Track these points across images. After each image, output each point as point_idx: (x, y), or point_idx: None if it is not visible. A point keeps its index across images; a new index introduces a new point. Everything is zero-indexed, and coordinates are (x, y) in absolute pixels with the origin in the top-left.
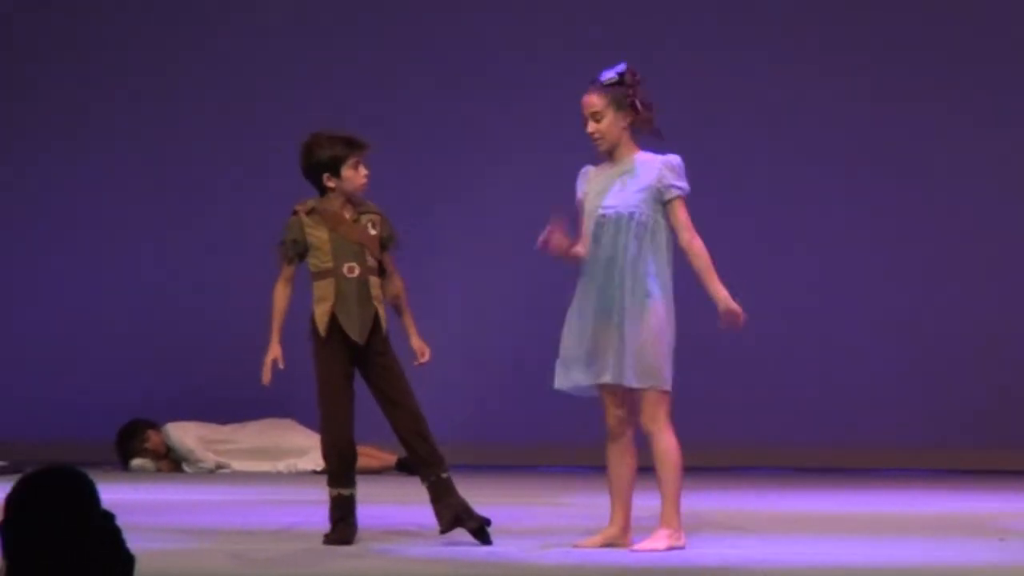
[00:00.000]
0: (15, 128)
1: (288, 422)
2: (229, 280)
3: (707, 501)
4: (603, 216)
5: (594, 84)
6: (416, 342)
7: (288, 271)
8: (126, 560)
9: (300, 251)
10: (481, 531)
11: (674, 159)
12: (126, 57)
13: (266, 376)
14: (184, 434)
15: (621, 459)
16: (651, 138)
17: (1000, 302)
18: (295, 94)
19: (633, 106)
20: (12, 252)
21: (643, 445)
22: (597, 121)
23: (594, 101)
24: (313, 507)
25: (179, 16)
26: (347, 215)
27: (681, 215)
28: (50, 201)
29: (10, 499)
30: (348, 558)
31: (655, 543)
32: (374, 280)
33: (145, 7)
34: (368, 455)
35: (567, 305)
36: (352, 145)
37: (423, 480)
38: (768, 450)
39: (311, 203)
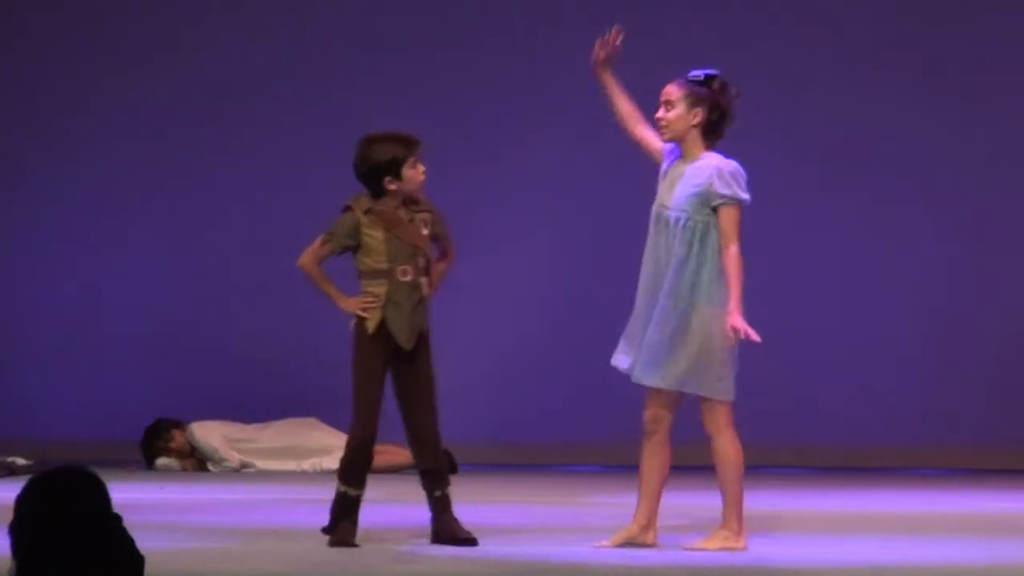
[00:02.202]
0: (30, 127)
1: (312, 421)
2: (255, 280)
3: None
4: (661, 214)
5: (681, 77)
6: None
7: (323, 252)
8: (135, 560)
9: (347, 248)
10: (462, 545)
11: (729, 165)
12: (133, 52)
13: (365, 314)
14: (208, 433)
15: (652, 457)
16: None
17: (1017, 299)
18: (309, 96)
19: (710, 110)
20: (36, 252)
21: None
22: (667, 109)
23: (671, 90)
24: None
25: (189, 18)
26: (403, 215)
27: (724, 223)
28: (75, 200)
29: (20, 499)
30: (375, 559)
31: (707, 543)
32: (424, 281)
33: (157, 8)
34: (391, 453)
35: (586, 306)
36: (409, 144)
37: (426, 490)
38: (792, 449)
39: (366, 202)
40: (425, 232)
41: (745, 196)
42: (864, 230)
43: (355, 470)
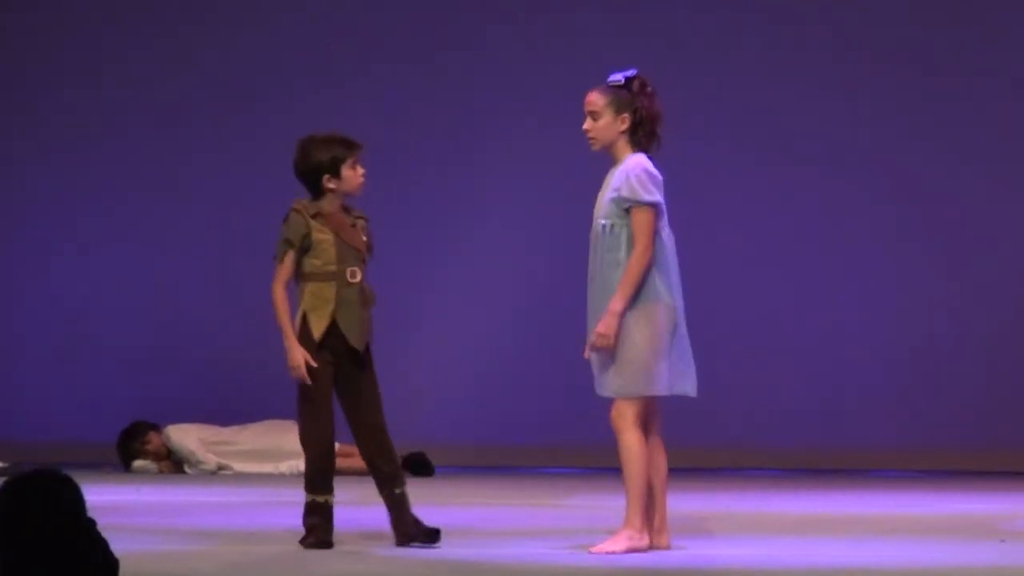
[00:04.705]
0: (16, 128)
1: (289, 423)
2: (231, 282)
3: (705, 503)
4: (595, 225)
5: (600, 85)
6: None
7: (289, 270)
8: (110, 563)
9: (305, 249)
10: (430, 537)
11: (637, 168)
12: (130, 58)
13: (306, 376)
14: (184, 436)
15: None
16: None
17: (998, 302)
18: (299, 97)
19: (634, 112)
20: (14, 252)
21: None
22: (594, 120)
23: (594, 99)
24: None
25: (180, 17)
26: (346, 219)
27: (635, 225)
28: (52, 201)
29: None
30: (355, 560)
31: (614, 545)
32: (366, 286)
33: (150, 9)
34: None
35: (570, 307)
36: (350, 145)
37: (384, 491)
38: (765, 452)
39: (310, 205)
40: (364, 239)
41: (649, 198)
42: (843, 231)
43: (323, 477)
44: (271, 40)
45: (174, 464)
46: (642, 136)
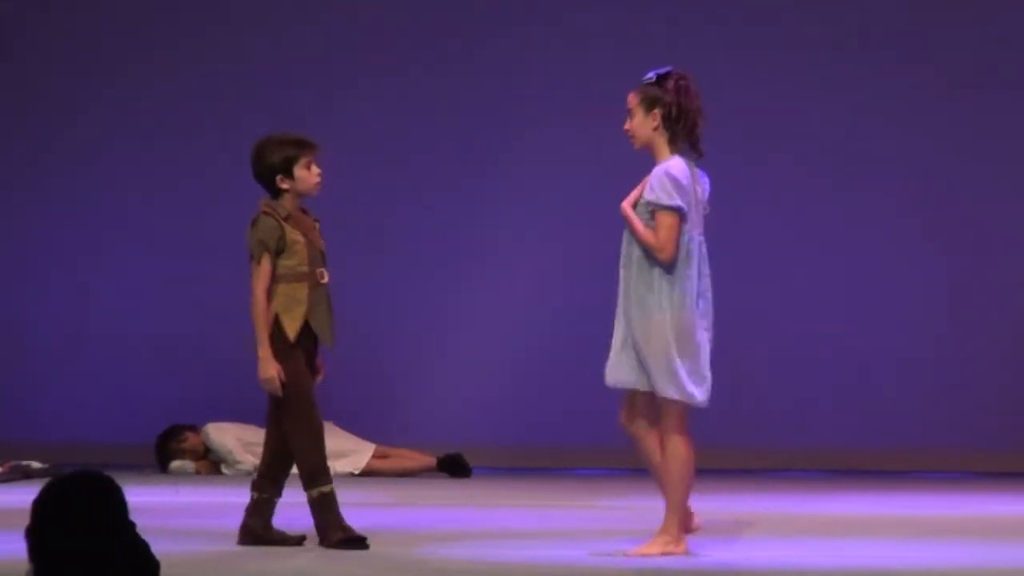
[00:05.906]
0: (22, 129)
1: (327, 425)
2: None
3: (732, 504)
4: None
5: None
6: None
7: (269, 273)
8: (152, 565)
9: (279, 251)
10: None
11: (661, 170)
12: (133, 56)
13: (279, 389)
14: (223, 435)
15: (653, 457)
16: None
17: (1018, 301)
18: (299, 95)
19: (665, 108)
20: (51, 256)
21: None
22: (630, 118)
23: (629, 98)
24: (350, 509)
25: (180, 17)
26: (309, 222)
27: (657, 227)
28: (90, 204)
29: (37, 503)
30: (392, 561)
31: (650, 548)
32: None
33: (151, 9)
34: (406, 457)
35: (593, 308)
36: (303, 145)
37: (307, 490)
38: (789, 453)
39: (277, 206)
40: (322, 240)
41: (669, 202)
42: (864, 231)
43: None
44: (273, 40)
45: (211, 464)
46: (682, 136)
